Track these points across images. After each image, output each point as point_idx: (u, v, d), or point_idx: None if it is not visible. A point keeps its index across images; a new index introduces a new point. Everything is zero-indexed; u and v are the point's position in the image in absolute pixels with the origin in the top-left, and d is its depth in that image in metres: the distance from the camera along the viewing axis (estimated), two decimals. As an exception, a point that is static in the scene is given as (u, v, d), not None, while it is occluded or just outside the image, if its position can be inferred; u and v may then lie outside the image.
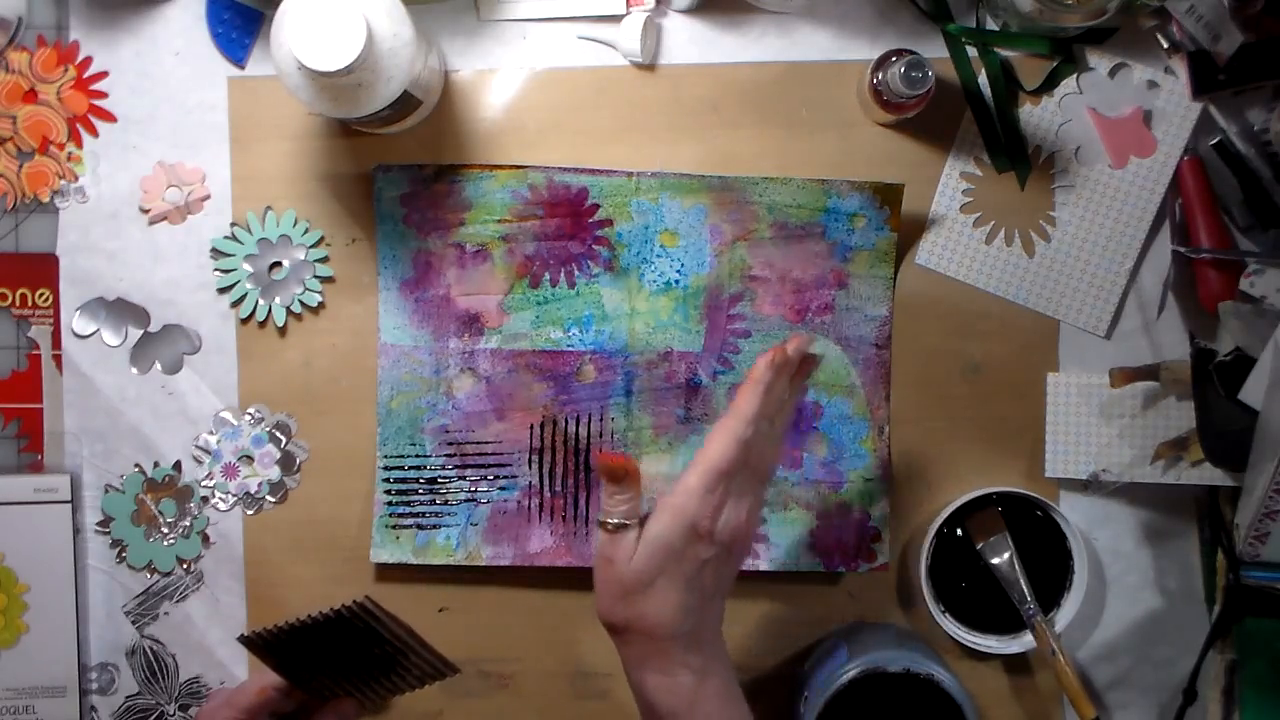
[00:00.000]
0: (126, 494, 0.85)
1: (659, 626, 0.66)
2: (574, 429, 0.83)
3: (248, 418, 0.85)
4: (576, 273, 0.83)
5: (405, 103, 0.76)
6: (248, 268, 0.84)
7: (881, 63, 0.79)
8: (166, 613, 0.85)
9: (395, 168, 0.83)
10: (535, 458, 0.83)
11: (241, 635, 0.74)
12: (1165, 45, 0.82)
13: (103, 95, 0.84)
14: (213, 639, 0.85)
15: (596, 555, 0.69)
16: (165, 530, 0.85)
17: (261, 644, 0.73)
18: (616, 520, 0.68)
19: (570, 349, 0.83)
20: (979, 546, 0.83)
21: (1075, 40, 0.83)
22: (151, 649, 0.85)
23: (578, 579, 0.84)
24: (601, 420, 0.83)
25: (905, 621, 0.85)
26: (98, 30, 0.84)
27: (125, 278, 0.84)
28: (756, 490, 0.70)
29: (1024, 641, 0.82)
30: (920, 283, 0.84)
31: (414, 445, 0.84)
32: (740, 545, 0.69)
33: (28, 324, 0.85)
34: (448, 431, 0.84)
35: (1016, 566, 0.82)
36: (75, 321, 0.84)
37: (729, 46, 0.84)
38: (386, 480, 0.84)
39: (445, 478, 0.84)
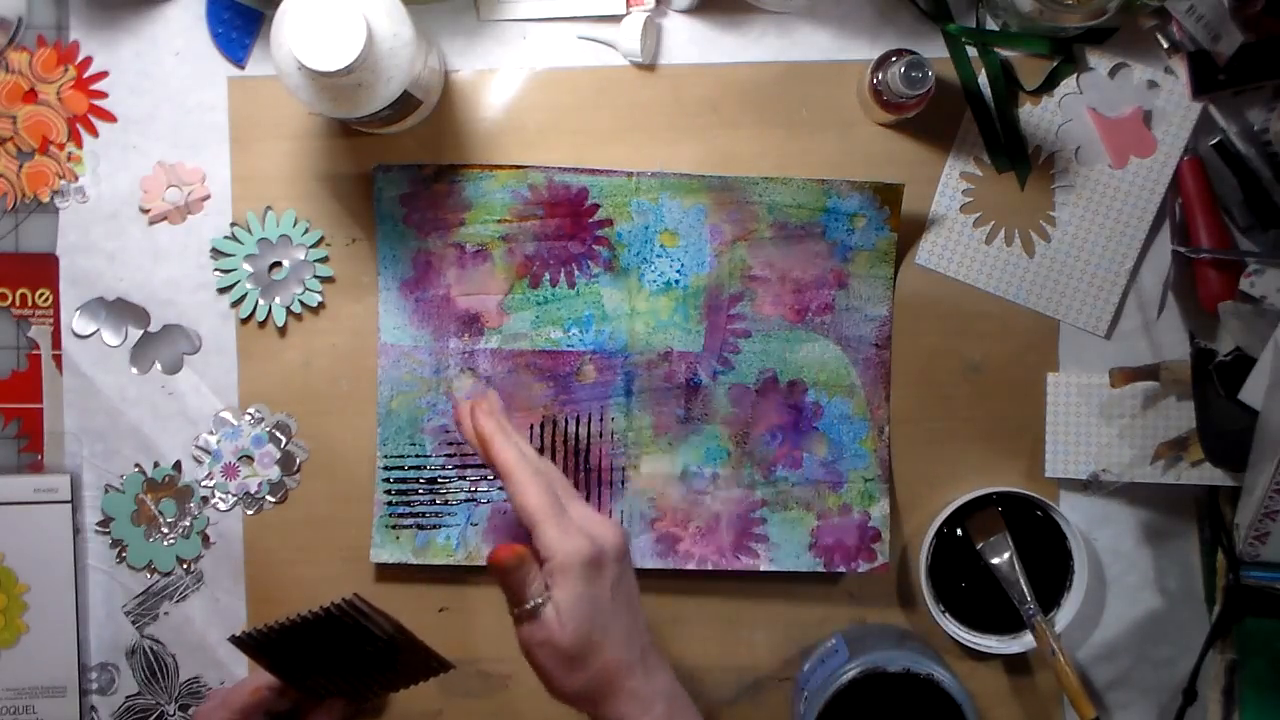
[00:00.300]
0: (126, 494, 0.85)
1: (617, 665, 0.67)
2: (574, 429, 0.83)
3: (248, 418, 0.85)
4: (576, 273, 0.83)
5: (405, 103, 0.76)
6: (248, 268, 0.84)
7: (881, 63, 0.79)
8: (166, 613, 0.85)
9: (395, 168, 0.83)
10: (535, 458, 0.83)
11: (233, 636, 0.74)
12: (1165, 45, 0.82)
13: (103, 95, 0.84)
14: (213, 639, 0.85)
15: (529, 645, 0.67)
16: (165, 530, 0.85)
17: (253, 644, 0.73)
18: (532, 603, 0.67)
19: (570, 349, 0.83)
20: (979, 546, 0.83)
21: (1075, 40, 0.83)
22: (151, 649, 0.85)
23: (578, 579, 0.84)
24: (601, 420, 0.83)
25: (905, 621, 0.85)
26: (98, 30, 0.84)
27: (125, 278, 0.84)
28: (578, 498, 0.71)
29: (1024, 641, 0.82)
30: (920, 283, 0.84)
31: (414, 445, 0.84)
32: (622, 542, 0.69)
33: (28, 324, 0.85)
34: (448, 431, 0.84)
35: (1016, 566, 0.82)
36: (75, 321, 0.84)
37: (729, 46, 0.84)
38: (386, 480, 0.84)
39: (445, 478, 0.84)
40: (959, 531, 0.83)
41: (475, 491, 0.83)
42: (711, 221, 0.83)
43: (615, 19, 0.83)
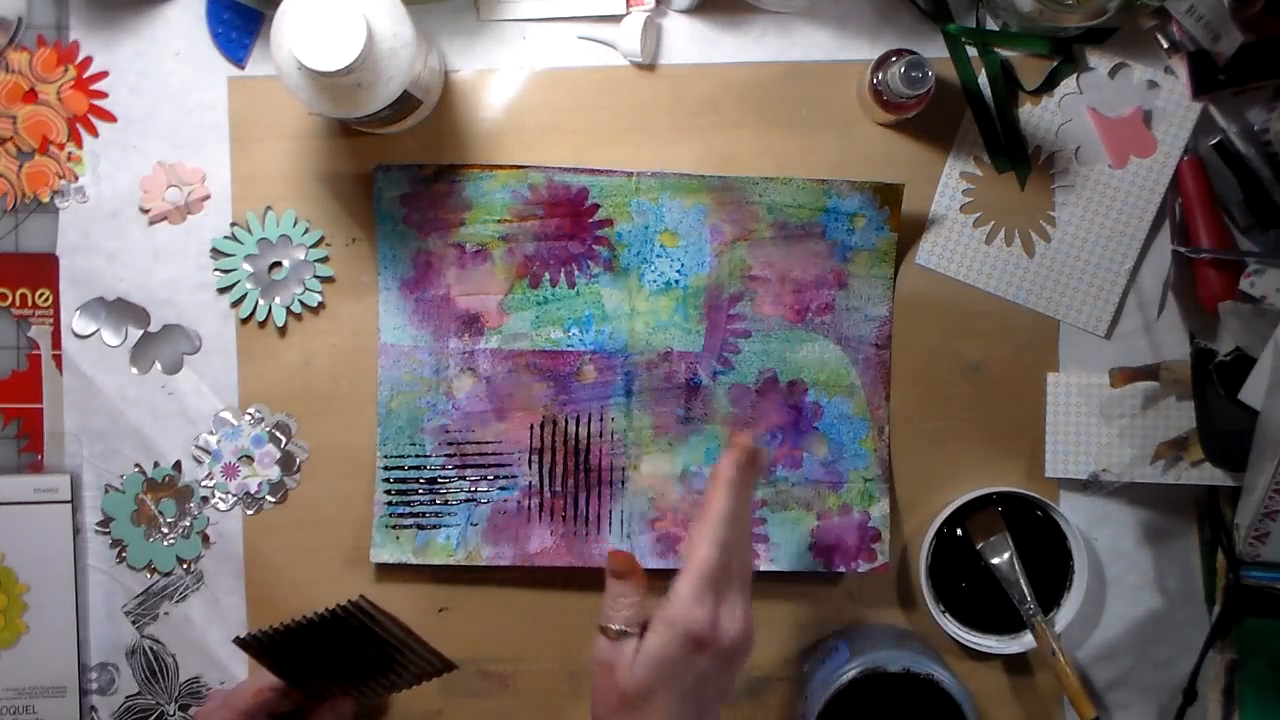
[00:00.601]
0: (126, 494, 0.85)
1: None
2: (574, 429, 0.83)
3: (248, 418, 0.85)
4: (576, 273, 0.83)
5: (405, 103, 0.76)
6: (248, 268, 0.84)
7: (881, 63, 0.79)
8: (166, 613, 0.85)
9: (395, 168, 0.83)
10: (535, 458, 0.83)
11: (237, 637, 0.74)
12: (1165, 45, 0.82)
13: (103, 95, 0.84)
14: (213, 639, 0.85)
15: (596, 661, 0.67)
16: (165, 530, 0.85)
17: (257, 645, 0.74)
18: (619, 627, 0.66)
19: (570, 349, 0.83)
20: (979, 546, 0.83)
21: (1075, 40, 0.83)
22: (151, 649, 0.85)
23: (577, 579, 0.84)
24: (601, 420, 0.83)
25: (905, 621, 0.85)
26: (98, 30, 0.84)
27: (125, 278, 0.84)
28: (745, 591, 0.68)
29: (1024, 641, 0.82)
30: (920, 283, 0.84)
31: (414, 445, 0.84)
32: (741, 651, 0.67)
33: (28, 324, 0.85)
34: (448, 431, 0.84)
35: (1016, 566, 0.82)
36: (75, 321, 0.84)
37: (729, 46, 0.84)
38: (386, 480, 0.84)
39: (445, 478, 0.84)
40: (959, 531, 0.83)
41: (475, 491, 0.83)
42: (711, 221, 0.83)
43: (615, 19, 0.83)
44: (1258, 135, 0.82)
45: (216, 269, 0.84)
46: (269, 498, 0.85)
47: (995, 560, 0.82)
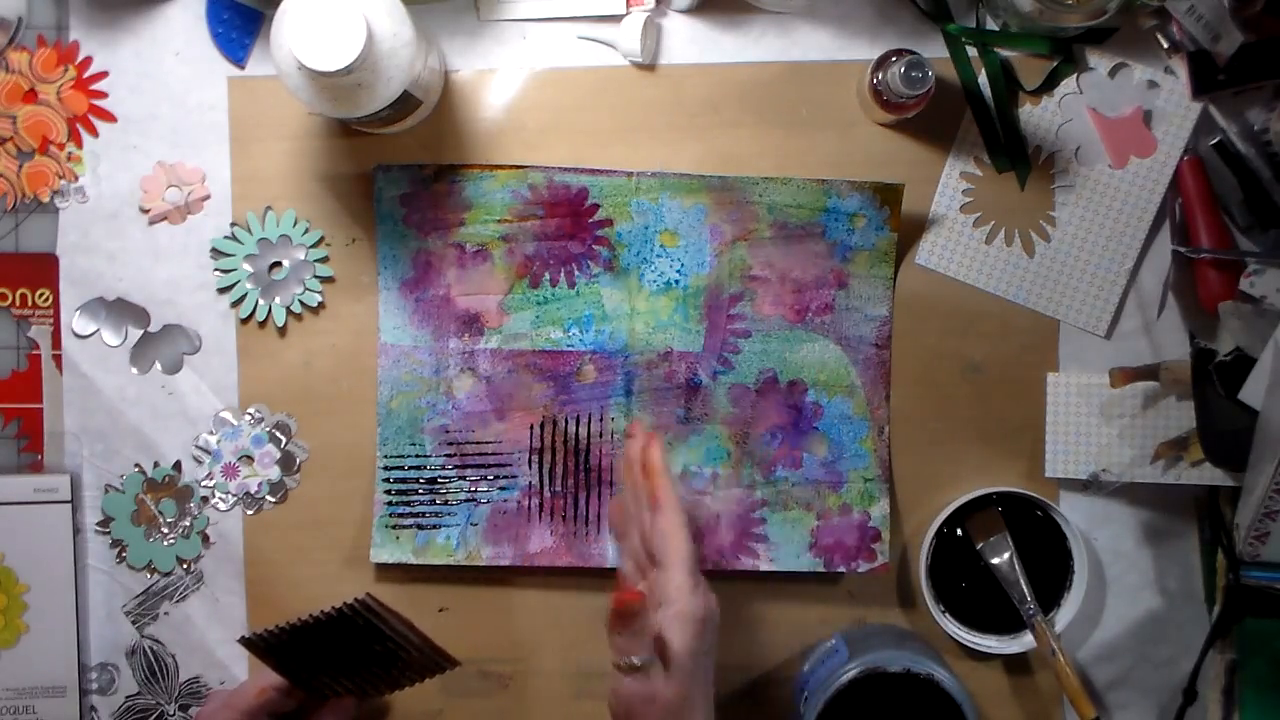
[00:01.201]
0: (126, 494, 0.85)
1: None
2: (574, 429, 0.83)
3: (248, 418, 0.85)
4: (576, 273, 0.83)
5: (405, 103, 0.76)
6: (248, 268, 0.84)
7: (881, 63, 0.79)
8: (166, 613, 0.85)
9: (395, 168, 0.83)
10: (535, 458, 0.83)
11: (242, 637, 0.74)
12: (1165, 45, 0.82)
13: (103, 95, 0.84)
14: (213, 639, 0.85)
15: (630, 699, 0.67)
16: (165, 530, 0.85)
17: (262, 645, 0.74)
18: (641, 659, 0.67)
19: (570, 349, 0.83)
20: (979, 546, 0.83)
21: (1075, 40, 0.83)
22: (151, 649, 0.85)
23: (578, 579, 0.84)
24: (601, 420, 0.83)
25: (905, 621, 0.85)
26: (98, 30, 0.84)
27: (125, 278, 0.84)
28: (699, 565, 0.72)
29: (1024, 641, 0.82)
30: (920, 283, 0.84)
31: (414, 445, 0.84)
32: (718, 611, 0.70)
33: (28, 324, 0.85)
34: (448, 431, 0.84)
35: (1016, 566, 0.82)
36: (75, 321, 0.84)
37: (729, 46, 0.84)
38: (386, 480, 0.84)
39: (445, 478, 0.84)
40: (959, 531, 0.83)
41: (475, 491, 0.83)
42: (711, 221, 0.83)
43: (615, 19, 0.83)
44: (1258, 135, 0.82)
45: (216, 269, 0.84)
46: (269, 498, 0.85)
47: (995, 560, 0.82)
